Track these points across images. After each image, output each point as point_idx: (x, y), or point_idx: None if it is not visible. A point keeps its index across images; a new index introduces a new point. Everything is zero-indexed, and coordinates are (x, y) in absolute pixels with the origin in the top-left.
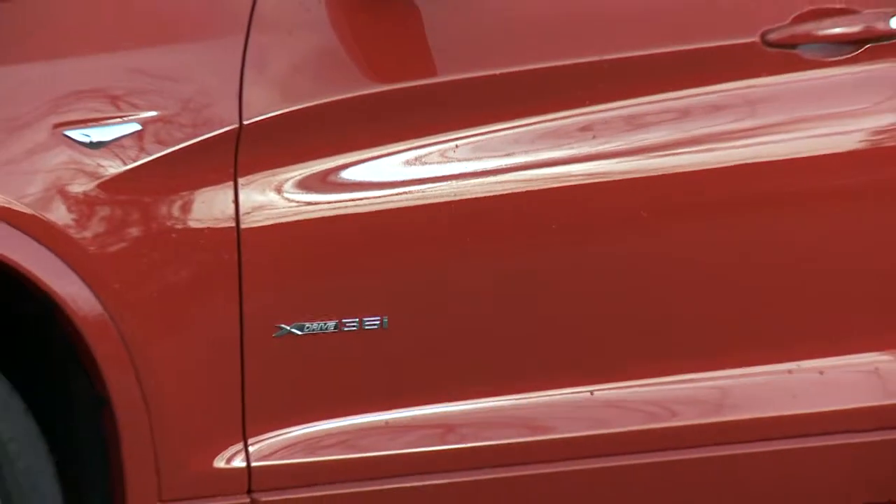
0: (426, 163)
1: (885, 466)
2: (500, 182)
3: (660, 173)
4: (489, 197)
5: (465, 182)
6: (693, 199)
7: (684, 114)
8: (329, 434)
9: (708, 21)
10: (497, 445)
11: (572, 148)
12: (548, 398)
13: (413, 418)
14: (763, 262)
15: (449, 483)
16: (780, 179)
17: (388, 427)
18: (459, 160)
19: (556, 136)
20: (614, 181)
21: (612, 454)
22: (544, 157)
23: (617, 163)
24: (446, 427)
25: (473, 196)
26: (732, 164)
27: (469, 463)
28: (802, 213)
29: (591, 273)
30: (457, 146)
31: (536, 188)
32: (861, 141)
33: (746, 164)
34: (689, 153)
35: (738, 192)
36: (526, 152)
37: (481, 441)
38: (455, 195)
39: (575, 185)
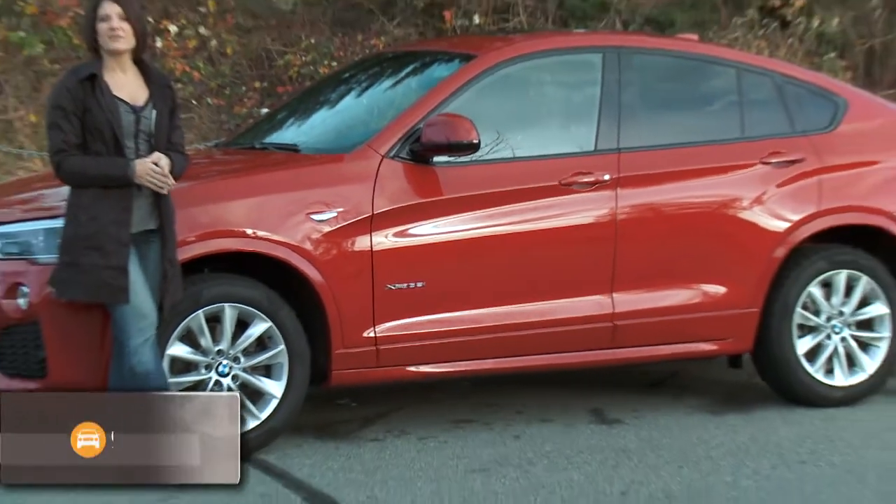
0: (438, 226)
1: (595, 338)
2: (470, 234)
3: (523, 230)
4: (465, 238)
5: (456, 234)
6: (533, 239)
7: (534, 209)
8: (405, 324)
9: (542, 176)
10: (468, 328)
11: (494, 221)
12: (484, 311)
13: (437, 318)
14: (566, 262)
15: (452, 341)
16: (567, 234)
17: (428, 321)
18: (452, 224)
19: (490, 216)
20: (508, 233)
21: (509, 331)
22: (485, 224)
23: (509, 227)
24: (449, 322)
25: (459, 238)
26: (548, 227)
27: (459, 333)
28: (569, 244)
29: (502, 265)
30: (451, 220)
31: (483, 235)
32: (593, 220)
33: (552, 228)
34: (535, 223)
35: (547, 238)
36: (478, 222)
37: (463, 326)
38: (451, 238)
39: (494, 235)
